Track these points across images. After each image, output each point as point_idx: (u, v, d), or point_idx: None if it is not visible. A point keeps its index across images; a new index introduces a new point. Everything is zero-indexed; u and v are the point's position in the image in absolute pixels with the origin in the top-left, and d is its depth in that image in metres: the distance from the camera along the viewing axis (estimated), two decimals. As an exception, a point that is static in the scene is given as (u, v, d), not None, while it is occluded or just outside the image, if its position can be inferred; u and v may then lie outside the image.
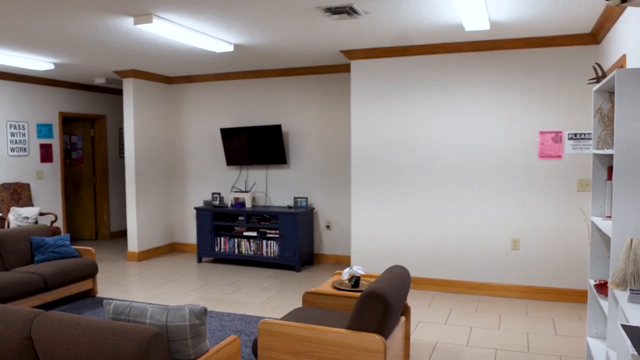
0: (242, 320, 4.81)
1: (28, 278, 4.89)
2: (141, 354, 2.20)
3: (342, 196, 7.12)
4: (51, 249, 5.56)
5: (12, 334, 2.52)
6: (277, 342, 3.15)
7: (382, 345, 2.90)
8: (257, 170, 7.60)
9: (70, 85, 8.46)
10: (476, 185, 5.63)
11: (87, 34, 5.05)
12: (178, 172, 8.21)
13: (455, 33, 5.14)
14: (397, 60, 5.87)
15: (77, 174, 9.40)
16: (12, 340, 2.52)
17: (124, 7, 4.14)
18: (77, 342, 2.33)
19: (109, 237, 9.38)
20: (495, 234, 5.59)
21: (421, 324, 4.73)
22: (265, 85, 7.48)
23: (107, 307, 2.60)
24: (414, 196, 5.88)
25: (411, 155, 5.86)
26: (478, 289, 5.67)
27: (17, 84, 7.61)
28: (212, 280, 6.37)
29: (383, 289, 2.97)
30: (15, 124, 7.58)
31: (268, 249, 6.96)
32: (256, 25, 4.77)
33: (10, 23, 4.60)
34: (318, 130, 7.19)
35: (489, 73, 5.53)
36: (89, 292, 5.72)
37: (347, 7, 4.15)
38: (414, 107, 5.82)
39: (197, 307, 2.49)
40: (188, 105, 8.07)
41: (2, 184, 7.32)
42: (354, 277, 3.97)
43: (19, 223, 7.02)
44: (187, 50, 5.91)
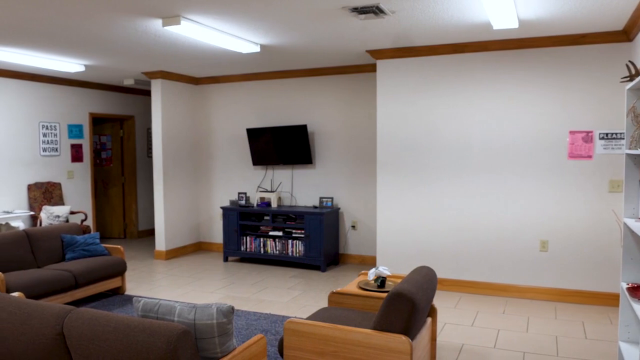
0: (268, 320, 4.83)
1: (59, 275, 5.00)
2: (169, 351, 2.23)
3: (367, 196, 7.10)
4: (81, 247, 5.67)
5: (45, 329, 2.58)
6: (303, 342, 3.15)
7: (409, 346, 2.88)
8: (282, 170, 7.63)
9: (100, 87, 8.62)
10: (504, 186, 5.56)
11: (117, 36, 5.14)
12: (205, 172, 8.30)
13: (483, 32, 5.08)
14: (423, 59, 5.83)
15: (106, 174, 9.57)
16: (45, 335, 2.58)
17: (152, 9, 4.20)
18: (107, 338, 2.37)
19: (137, 236, 9.52)
20: (523, 236, 5.51)
21: (447, 326, 4.68)
22: (291, 85, 7.51)
23: (136, 305, 2.64)
24: (440, 196, 5.83)
25: (438, 155, 5.82)
26: (505, 291, 5.60)
27: (49, 85, 7.78)
28: (238, 280, 6.42)
29: (410, 289, 2.95)
30: (48, 125, 7.76)
31: (293, 248, 6.98)
32: (282, 25, 4.79)
33: (43, 27, 4.71)
34: (343, 130, 7.19)
35: (517, 72, 5.45)
36: (118, 289, 5.82)
37: (373, 7, 4.14)
38: (441, 106, 5.78)
39: (224, 305, 2.51)
40: (215, 105, 8.15)
41: (34, 183, 7.50)
42: (380, 277, 3.96)
43: (51, 221, 7.18)
44: (214, 51, 5.96)
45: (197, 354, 2.39)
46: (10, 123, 7.23)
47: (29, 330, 2.63)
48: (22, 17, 4.38)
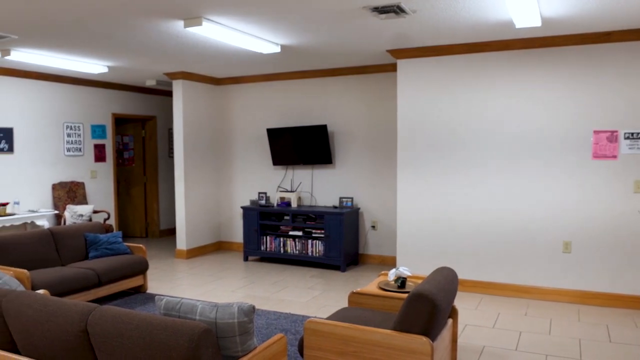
0: (288, 319, 4.85)
1: (83, 273, 5.08)
2: (191, 350, 2.24)
3: (387, 196, 7.08)
4: (104, 245, 5.75)
5: (70, 326, 2.62)
6: (323, 342, 3.16)
7: (429, 348, 2.86)
8: (302, 170, 7.65)
9: (122, 88, 8.73)
10: (527, 187, 5.49)
11: (139, 38, 5.20)
12: (225, 172, 8.35)
13: (505, 30, 5.03)
14: (444, 58, 5.79)
15: (128, 174, 9.69)
16: (69, 332, 2.62)
17: (174, 11, 4.24)
18: (130, 336, 2.40)
19: (158, 235, 9.62)
20: (545, 237, 5.44)
21: (468, 327, 4.64)
22: (311, 85, 7.52)
23: (158, 303, 2.66)
24: (462, 196, 5.79)
25: (459, 155, 5.77)
26: (527, 293, 5.53)
27: (73, 86, 7.91)
28: (258, 279, 6.45)
29: (430, 290, 2.94)
30: (71, 125, 7.88)
31: (313, 248, 6.99)
32: (303, 26, 4.80)
33: (68, 29, 4.78)
34: (364, 130, 7.17)
35: (540, 71, 5.38)
36: (140, 288, 5.89)
37: (394, 6, 4.12)
38: (462, 105, 5.73)
39: (245, 305, 2.52)
40: (235, 105, 8.20)
41: (59, 183, 7.63)
42: (400, 278, 3.94)
43: (74, 220, 7.29)
44: (235, 52, 6.00)
45: (218, 352, 2.41)
46: (36, 124, 7.36)
47: (54, 327, 2.68)
48: (48, 19, 4.46)
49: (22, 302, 2.86)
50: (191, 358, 2.24)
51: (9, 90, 7.01)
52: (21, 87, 7.17)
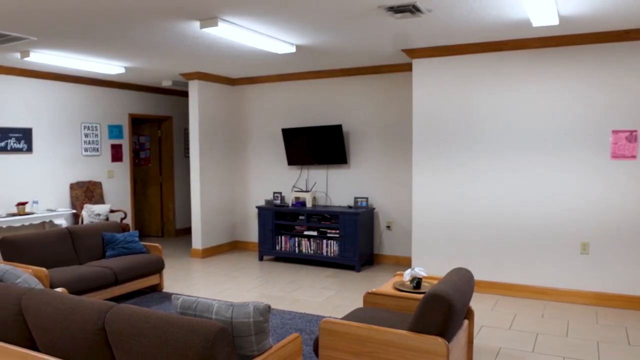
0: (303, 319, 4.85)
1: (101, 272, 5.13)
2: (207, 349, 2.26)
3: (402, 196, 7.05)
4: (121, 244, 5.80)
5: (88, 324, 2.65)
6: (338, 342, 3.15)
7: (445, 349, 2.85)
8: (317, 170, 7.65)
9: (139, 88, 8.81)
10: (544, 187, 5.44)
11: (156, 39, 5.24)
12: (240, 172, 8.38)
13: (522, 29, 4.98)
14: (460, 58, 5.75)
15: (144, 173, 9.78)
16: (87, 330, 2.65)
17: (190, 11, 4.27)
18: (147, 334, 2.42)
19: (174, 234, 9.69)
20: (563, 237, 5.38)
21: (484, 328, 4.61)
22: (326, 85, 7.52)
23: (175, 302, 2.68)
24: (477, 197, 5.75)
25: (474, 155, 5.73)
26: (544, 294, 5.48)
27: (90, 87, 7.99)
28: (273, 279, 6.46)
29: (447, 291, 2.92)
30: (89, 125, 7.97)
31: (328, 248, 6.99)
32: (318, 26, 4.80)
33: (85, 31, 4.84)
34: (378, 129, 7.16)
35: (558, 70, 5.33)
36: (156, 286, 5.93)
37: (409, 6, 4.11)
38: (478, 105, 5.69)
39: (261, 304, 2.53)
40: (250, 105, 8.23)
41: (77, 182, 7.71)
42: (415, 278, 3.93)
43: (92, 219, 7.37)
44: (251, 52, 6.02)
45: (234, 351, 2.42)
46: (55, 124, 7.46)
47: (72, 325, 2.71)
48: (66, 21, 4.51)
49: (41, 300, 2.90)
50: (207, 357, 2.25)
51: (28, 91, 7.11)
52: (40, 87, 7.26)
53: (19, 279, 3.52)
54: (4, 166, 6.84)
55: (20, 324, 3.00)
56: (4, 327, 3.08)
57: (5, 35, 4.96)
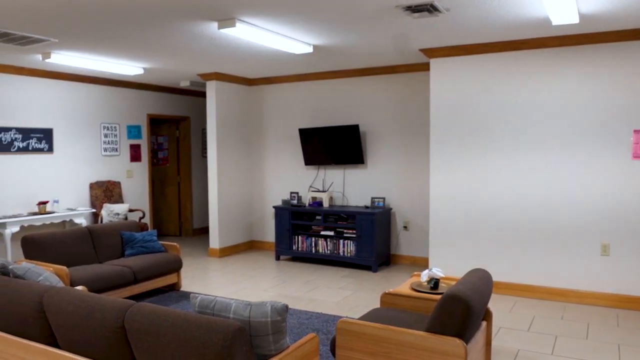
0: (320, 319, 4.85)
1: (120, 271, 5.19)
2: (225, 347, 2.27)
3: (419, 196, 7.02)
4: (140, 243, 5.86)
5: (107, 322, 2.68)
6: (355, 342, 3.15)
7: (463, 350, 2.83)
8: (334, 169, 7.65)
9: (157, 89, 8.89)
10: (563, 188, 5.37)
11: (174, 40, 5.29)
12: (257, 172, 8.42)
13: (541, 28, 4.93)
14: (478, 57, 5.71)
15: (162, 173, 9.86)
16: (107, 328, 2.68)
17: (209, 13, 4.29)
18: (166, 333, 2.44)
19: (192, 234, 9.76)
20: (583, 238, 5.31)
21: (502, 330, 4.57)
22: (343, 85, 7.52)
23: (193, 301, 2.70)
24: (496, 197, 5.70)
25: (492, 155, 5.69)
26: (563, 296, 5.41)
27: (109, 88, 8.09)
28: (289, 278, 6.48)
29: (465, 291, 2.90)
30: (108, 126, 8.06)
31: (345, 248, 6.99)
32: (335, 26, 4.80)
33: (106, 33, 4.89)
34: (396, 129, 7.13)
35: (578, 69, 5.26)
36: (174, 285, 5.98)
37: (427, 5, 4.09)
38: (497, 104, 5.64)
39: (278, 304, 2.54)
40: (267, 106, 8.25)
41: (96, 182, 7.81)
42: (433, 279, 3.91)
43: (111, 219, 7.46)
44: (268, 52, 6.04)
45: (251, 350, 2.43)
46: (75, 124, 7.56)
47: (92, 323, 2.74)
48: (86, 22, 4.57)
49: (62, 297, 2.94)
50: (225, 356, 2.27)
51: (49, 92, 7.22)
52: (60, 88, 7.37)
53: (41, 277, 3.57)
54: (26, 166, 6.95)
55: (42, 321, 3.05)
56: (26, 324, 3.13)
57: (27, 37, 5.04)
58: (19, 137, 6.83)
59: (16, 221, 6.44)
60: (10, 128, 6.74)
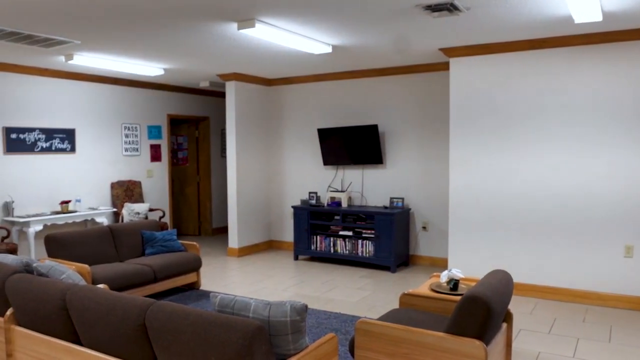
0: (338, 319, 4.85)
1: (140, 269, 5.24)
2: (245, 347, 2.28)
3: (439, 196, 6.97)
4: (160, 242, 5.92)
5: (129, 320, 2.71)
6: (374, 343, 3.14)
7: (483, 352, 2.81)
8: (353, 170, 7.64)
9: (177, 89, 8.96)
10: (586, 188, 5.29)
11: (194, 41, 5.33)
12: (276, 172, 8.44)
13: (563, 26, 4.87)
14: (499, 56, 5.66)
15: (182, 173, 9.94)
16: (128, 326, 2.71)
17: (228, 14, 4.32)
18: (186, 331, 2.46)
19: (211, 233, 9.82)
20: (606, 240, 5.22)
21: (523, 332, 4.52)
22: (362, 85, 7.50)
23: (213, 300, 2.72)
24: (516, 197, 5.64)
25: (512, 155, 5.62)
26: (585, 298, 5.34)
27: (130, 88, 8.18)
28: (308, 278, 6.48)
29: (485, 293, 2.87)
30: (129, 126, 8.15)
31: (363, 248, 6.97)
32: (355, 26, 4.79)
33: (127, 35, 4.95)
34: (414, 129, 7.10)
35: (601, 67, 5.18)
36: (193, 284, 6.03)
37: (447, 4, 4.06)
38: (518, 104, 5.58)
39: (298, 303, 2.54)
40: (286, 106, 8.27)
41: (117, 182, 7.90)
42: (452, 280, 3.88)
43: (131, 218, 7.54)
44: (287, 53, 6.05)
45: (271, 350, 2.44)
46: (96, 125, 7.66)
47: (114, 320, 2.78)
48: (108, 24, 4.62)
49: (84, 295, 2.98)
50: (245, 355, 2.28)
51: (72, 93, 7.32)
52: (83, 89, 7.47)
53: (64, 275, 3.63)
54: (49, 166, 7.06)
55: (65, 319, 3.09)
56: (49, 321, 3.18)
57: (50, 39, 5.12)
58: (43, 138, 6.95)
59: (39, 220, 6.55)
60: (34, 128, 6.85)
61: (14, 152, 6.66)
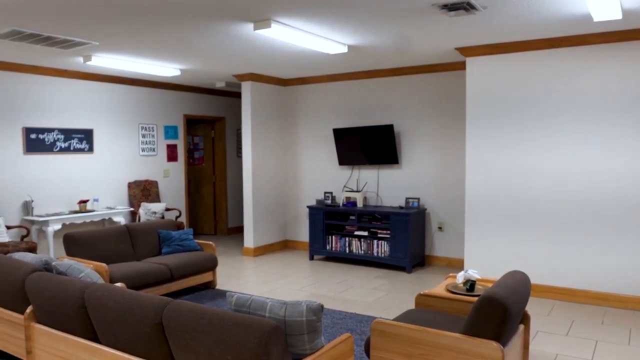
0: (353, 319, 4.85)
1: (157, 268, 5.28)
2: (261, 346, 2.29)
3: (455, 197, 6.93)
4: (176, 242, 5.96)
5: (146, 319, 2.73)
6: (390, 343, 3.14)
7: (500, 353, 2.79)
8: (368, 170, 7.63)
9: (193, 90, 9.02)
10: (603, 188, 5.22)
11: (210, 42, 5.36)
12: (291, 171, 8.45)
13: (581, 24, 4.81)
14: (516, 55, 5.61)
15: (198, 173, 10.00)
16: (145, 324, 2.74)
17: (244, 14, 4.33)
18: (203, 330, 2.48)
19: (226, 233, 9.87)
20: (624, 241, 5.15)
21: (540, 334, 4.48)
22: (378, 85, 7.49)
23: (229, 299, 2.73)
24: (533, 198, 5.59)
25: (528, 156, 5.57)
26: (604, 300, 5.27)
27: (147, 89, 8.25)
28: (323, 278, 6.48)
29: (502, 294, 2.85)
30: (146, 126, 8.22)
31: (379, 249, 6.96)
32: (371, 25, 4.78)
33: (144, 36, 4.99)
34: (430, 129, 7.06)
35: (620, 66, 5.11)
36: (209, 283, 6.06)
37: (464, 3, 4.03)
38: (535, 104, 5.52)
39: (314, 303, 2.54)
40: (302, 106, 8.28)
41: (134, 181, 7.98)
42: (469, 280, 3.86)
43: (148, 217, 7.60)
44: (303, 53, 6.06)
45: (287, 349, 2.44)
46: (114, 125, 7.74)
47: (132, 319, 2.80)
48: (125, 25, 4.67)
49: (102, 294, 3.02)
50: (261, 354, 2.29)
51: (90, 94, 7.41)
52: (101, 90, 7.56)
53: (82, 274, 3.67)
54: (68, 165, 7.15)
55: (83, 317, 3.13)
56: (68, 319, 3.22)
57: (69, 41, 5.18)
58: (61, 138, 7.04)
59: (58, 219, 6.63)
60: (53, 129, 6.94)
61: (34, 152, 6.76)
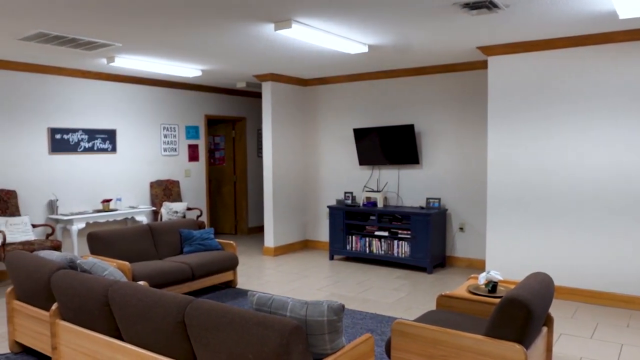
0: (374, 319, 4.83)
1: (178, 267, 5.34)
2: (282, 345, 2.30)
3: (476, 197, 6.87)
4: (198, 241, 6.01)
5: (168, 317, 2.76)
6: (410, 344, 3.12)
7: (523, 356, 2.75)
8: (389, 170, 7.60)
9: (214, 90, 9.08)
10: (629, 190, 5.13)
11: (231, 42, 5.39)
12: (312, 171, 8.46)
13: (606, 22, 4.73)
14: (539, 54, 5.53)
15: (219, 173, 10.07)
16: (168, 322, 2.77)
17: (265, 14, 4.35)
18: (224, 329, 2.49)
19: (247, 232, 9.92)
20: (652, 243, 5.06)
21: (564, 337, 4.42)
22: (398, 84, 7.45)
23: (251, 299, 2.75)
24: (556, 199, 5.51)
25: (551, 156, 5.49)
26: (629, 303, 5.17)
27: (168, 90, 8.33)
28: (343, 278, 6.48)
29: (525, 295, 2.82)
30: (168, 126, 8.31)
31: (399, 249, 6.93)
32: (391, 25, 4.77)
33: (166, 37, 5.05)
34: (452, 129, 7.01)
35: (647, 65, 5.01)
36: (230, 283, 6.10)
37: (486, 2, 4.00)
38: (559, 103, 5.44)
39: (335, 303, 2.54)
40: (322, 106, 8.29)
41: (156, 181, 8.06)
42: (491, 282, 3.82)
43: (170, 217, 7.68)
44: (323, 53, 6.06)
45: (307, 349, 2.45)
46: (136, 125, 7.83)
47: (154, 317, 2.83)
48: (147, 27, 4.72)
49: (125, 292, 3.05)
50: (282, 353, 2.29)
51: (113, 94, 7.51)
52: (123, 91, 7.65)
53: (106, 272, 3.72)
54: (91, 165, 7.25)
55: (107, 314, 3.17)
56: (92, 317, 3.27)
57: (93, 43, 5.26)
58: (85, 138, 7.15)
59: (82, 218, 6.73)
60: (77, 129, 7.06)
61: (59, 152, 6.87)
